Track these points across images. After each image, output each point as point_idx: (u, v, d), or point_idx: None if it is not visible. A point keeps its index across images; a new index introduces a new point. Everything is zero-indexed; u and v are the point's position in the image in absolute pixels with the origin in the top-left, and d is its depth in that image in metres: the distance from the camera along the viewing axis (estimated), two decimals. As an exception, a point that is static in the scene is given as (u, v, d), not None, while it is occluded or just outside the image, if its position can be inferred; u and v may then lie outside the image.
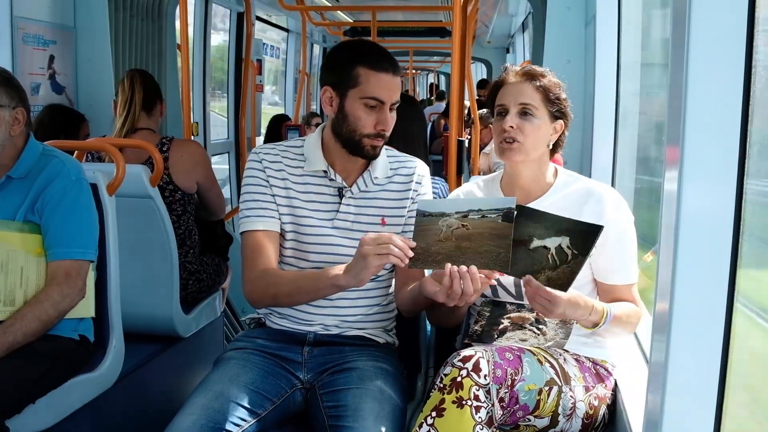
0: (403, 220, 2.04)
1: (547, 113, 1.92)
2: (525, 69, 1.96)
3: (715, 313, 1.24)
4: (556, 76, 1.97)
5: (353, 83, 1.90)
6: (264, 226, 1.97)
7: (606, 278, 1.91)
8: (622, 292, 1.90)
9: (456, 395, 1.61)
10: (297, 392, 1.93)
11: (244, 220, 1.98)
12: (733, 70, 1.19)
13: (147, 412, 2.62)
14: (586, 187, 1.94)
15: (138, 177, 2.58)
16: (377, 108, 1.91)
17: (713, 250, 1.22)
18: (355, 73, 1.89)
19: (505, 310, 1.92)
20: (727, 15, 1.18)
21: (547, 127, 1.93)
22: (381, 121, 1.92)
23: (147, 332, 2.78)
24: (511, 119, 1.91)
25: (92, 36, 3.46)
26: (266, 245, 1.96)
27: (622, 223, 1.88)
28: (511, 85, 1.94)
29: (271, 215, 1.98)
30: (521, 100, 1.91)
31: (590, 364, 1.86)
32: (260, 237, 1.96)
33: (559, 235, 1.71)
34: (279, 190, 1.99)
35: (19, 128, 2.10)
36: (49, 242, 2.09)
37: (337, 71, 1.92)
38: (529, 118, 1.91)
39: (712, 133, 1.20)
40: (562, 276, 1.69)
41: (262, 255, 1.95)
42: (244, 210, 1.99)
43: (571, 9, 3.21)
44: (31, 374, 1.96)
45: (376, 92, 1.89)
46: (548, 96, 1.91)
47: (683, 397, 1.28)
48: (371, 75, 1.89)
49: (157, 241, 2.70)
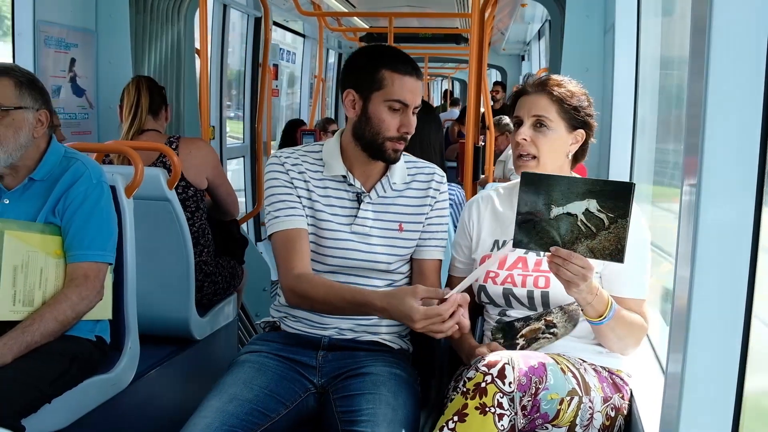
0: (420, 226, 2.04)
1: (563, 124, 1.90)
2: (541, 79, 1.94)
3: (733, 325, 1.23)
4: (576, 84, 1.94)
5: (377, 86, 1.91)
6: (294, 225, 1.97)
7: (614, 290, 1.87)
8: (631, 306, 1.86)
9: (479, 401, 1.59)
10: (311, 396, 1.93)
11: (273, 221, 1.98)
12: (753, 78, 1.18)
13: (161, 414, 2.63)
14: None
15: (156, 179, 2.59)
16: (401, 111, 1.92)
17: (731, 260, 1.21)
18: (379, 76, 1.90)
19: (516, 330, 1.90)
20: (748, 24, 1.18)
21: (564, 137, 1.91)
22: (405, 124, 1.93)
23: (162, 334, 2.79)
24: (525, 131, 1.90)
25: (113, 39, 3.50)
26: (298, 243, 1.95)
27: (638, 236, 1.84)
28: (527, 96, 1.93)
29: (299, 214, 1.98)
30: (534, 112, 1.90)
31: (607, 374, 1.85)
32: (292, 235, 1.96)
33: (583, 198, 1.59)
34: (302, 191, 1.99)
35: (42, 130, 2.13)
36: (69, 244, 2.11)
37: (361, 74, 1.93)
38: (543, 130, 1.89)
39: (731, 143, 1.19)
40: (606, 243, 1.59)
41: (295, 256, 1.94)
42: (272, 212, 1.98)
43: (590, 17, 3.20)
44: (48, 374, 1.98)
45: (401, 95, 1.90)
46: (564, 106, 1.89)
47: (699, 409, 1.27)
48: (396, 78, 1.90)
49: (173, 243, 2.72)
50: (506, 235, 1.96)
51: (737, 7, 1.18)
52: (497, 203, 2.05)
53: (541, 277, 1.86)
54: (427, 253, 2.05)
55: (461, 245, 2.08)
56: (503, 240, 1.97)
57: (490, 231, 2.02)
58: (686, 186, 1.27)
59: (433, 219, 2.05)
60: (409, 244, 2.04)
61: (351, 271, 2.01)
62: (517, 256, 1.92)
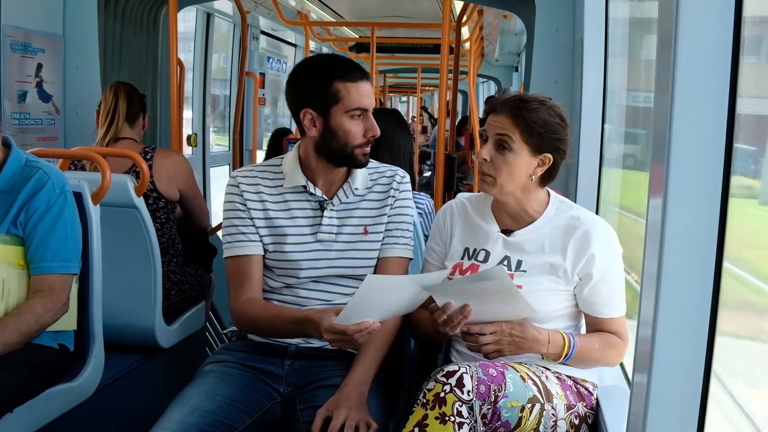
0: (383, 227, 2.04)
1: (526, 147, 1.84)
2: (511, 98, 1.89)
3: (697, 336, 1.24)
4: (550, 108, 1.87)
5: (334, 99, 1.91)
6: (244, 251, 2.00)
7: (591, 310, 1.89)
8: (609, 324, 1.88)
9: (439, 411, 1.60)
10: (276, 405, 1.93)
11: (226, 245, 2.02)
12: (718, 93, 1.20)
13: (126, 424, 2.60)
14: (575, 217, 1.89)
15: (123, 186, 2.56)
16: (362, 116, 1.94)
17: (696, 274, 1.23)
18: (333, 90, 1.91)
19: None
20: (714, 39, 1.20)
21: (527, 160, 1.85)
22: (369, 128, 1.95)
23: (128, 343, 2.76)
24: (486, 150, 1.87)
25: (81, 44, 3.46)
26: (247, 270, 2.00)
27: (609, 257, 1.86)
28: (495, 114, 1.88)
29: (251, 239, 2.00)
30: (497, 131, 1.86)
31: (571, 383, 1.86)
32: (242, 263, 2.00)
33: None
34: (257, 212, 2.01)
35: None
36: (32, 255, 2.07)
37: (313, 90, 1.93)
38: (505, 152, 1.85)
39: (696, 158, 1.21)
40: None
41: (245, 283, 1.99)
42: (225, 236, 2.03)
43: (560, 30, 3.24)
44: (9, 383, 1.94)
45: (359, 102, 1.92)
46: (529, 131, 1.83)
47: (665, 419, 1.29)
48: (350, 87, 1.91)
49: (140, 251, 2.69)
50: (477, 244, 1.97)
51: (702, 22, 1.20)
52: (470, 211, 2.04)
53: None
54: (390, 251, 2.05)
55: (435, 250, 2.06)
56: (473, 248, 1.97)
57: (461, 238, 2.01)
58: (652, 202, 1.28)
59: (394, 217, 2.05)
60: (375, 246, 2.04)
61: (321, 279, 2.02)
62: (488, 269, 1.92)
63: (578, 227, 1.87)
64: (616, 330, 1.89)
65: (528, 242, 1.91)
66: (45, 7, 3.34)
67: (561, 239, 1.87)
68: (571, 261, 1.86)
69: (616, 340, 1.88)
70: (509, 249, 1.92)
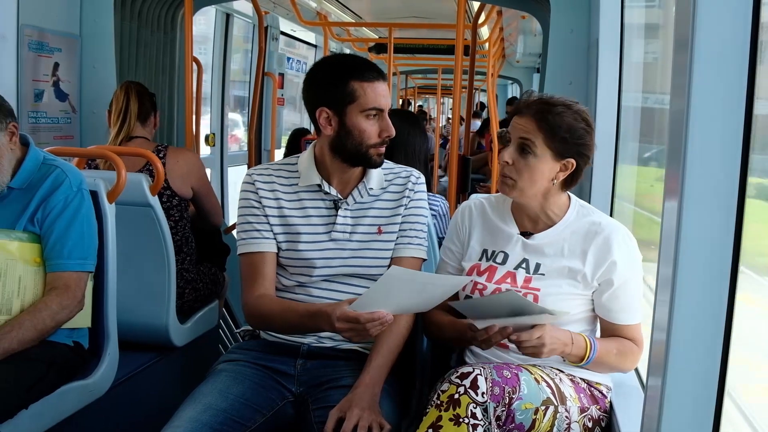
0: (397, 227, 2.04)
1: (549, 152, 1.82)
2: (536, 100, 1.86)
3: (713, 340, 1.24)
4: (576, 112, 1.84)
5: (350, 99, 1.92)
6: (258, 248, 2.01)
7: (609, 317, 1.88)
8: (625, 331, 1.87)
9: (453, 412, 1.61)
10: (288, 404, 1.93)
11: (240, 242, 2.03)
12: (735, 96, 1.20)
13: (139, 421, 2.61)
14: (596, 223, 1.88)
15: (138, 185, 2.58)
16: (378, 116, 1.95)
17: (712, 278, 1.22)
18: (350, 89, 1.92)
19: None
20: (730, 41, 1.19)
21: (549, 165, 1.83)
22: (384, 128, 1.96)
23: (142, 341, 2.77)
24: (509, 153, 1.85)
25: (97, 44, 3.48)
26: (261, 267, 2.00)
27: (630, 264, 1.85)
28: (520, 116, 1.86)
29: (265, 236, 2.01)
30: (521, 134, 1.83)
31: (585, 385, 1.86)
32: (255, 259, 2.01)
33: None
34: (272, 210, 2.01)
35: (16, 139, 2.10)
36: (49, 253, 2.09)
37: (329, 90, 1.94)
38: (527, 155, 1.83)
39: (713, 161, 1.20)
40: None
41: (257, 279, 2.00)
42: (240, 233, 2.04)
43: (575, 32, 3.23)
44: (25, 380, 1.96)
45: (375, 102, 1.93)
46: (555, 135, 1.81)
47: (680, 423, 1.28)
48: (366, 86, 1.92)
49: (155, 249, 2.70)
50: (495, 246, 1.96)
51: (719, 24, 1.19)
52: (489, 211, 2.02)
53: (529, 294, 1.85)
54: (403, 250, 2.04)
55: (452, 250, 2.05)
56: (492, 250, 1.97)
57: (480, 239, 2.00)
58: (667, 204, 1.28)
59: (408, 217, 2.05)
60: (389, 246, 2.04)
61: (334, 278, 2.02)
62: (507, 271, 1.91)
63: (599, 233, 1.86)
64: (632, 336, 1.88)
65: (547, 245, 1.90)
66: (62, 7, 3.37)
67: (581, 244, 1.86)
68: (591, 266, 1.85)
69: (633, 346, 1.87)
70: (528, 252, 1.92)
